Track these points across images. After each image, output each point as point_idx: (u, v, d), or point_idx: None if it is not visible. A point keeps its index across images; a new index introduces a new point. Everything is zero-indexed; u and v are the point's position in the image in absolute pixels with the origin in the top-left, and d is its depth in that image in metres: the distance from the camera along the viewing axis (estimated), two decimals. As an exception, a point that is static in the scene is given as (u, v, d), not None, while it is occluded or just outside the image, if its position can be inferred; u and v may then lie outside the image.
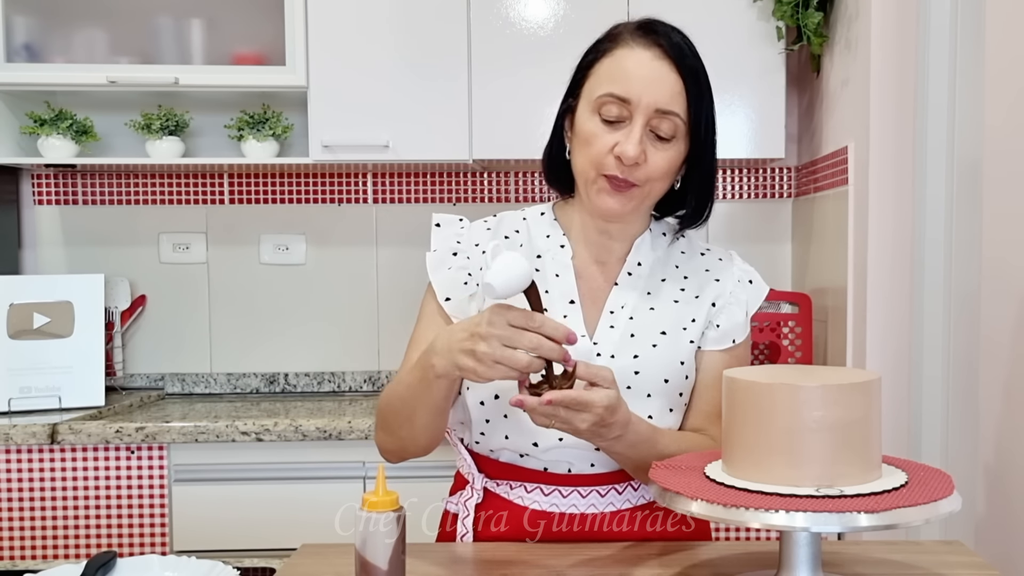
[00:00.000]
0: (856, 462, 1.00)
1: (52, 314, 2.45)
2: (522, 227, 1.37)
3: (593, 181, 1.25)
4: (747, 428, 1.02)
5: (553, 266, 1.33)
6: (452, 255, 1.34)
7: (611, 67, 1.24)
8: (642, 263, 1.35)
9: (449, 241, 1.35)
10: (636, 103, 1.21)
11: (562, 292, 1.31)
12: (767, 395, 1.00)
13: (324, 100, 2.43)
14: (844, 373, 1.06)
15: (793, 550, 1.02)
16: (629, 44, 1.25)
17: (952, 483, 1.02)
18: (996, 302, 1.58)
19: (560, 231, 1.36)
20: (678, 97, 1.23)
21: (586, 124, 1.25)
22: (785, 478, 0.98)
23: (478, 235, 1.36)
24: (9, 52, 2.44)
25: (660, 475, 1.06)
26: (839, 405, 0.98)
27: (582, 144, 1.25)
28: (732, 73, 2.43)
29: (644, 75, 1.22)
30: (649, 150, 1.22)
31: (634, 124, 1.22)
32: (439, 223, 1.36)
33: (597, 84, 1.25)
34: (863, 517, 0.92)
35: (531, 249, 1.35)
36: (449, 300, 1.31)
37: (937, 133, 1.89)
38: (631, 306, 1.31)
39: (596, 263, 1.34)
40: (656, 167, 1.24)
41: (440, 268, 1.33)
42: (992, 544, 1.60)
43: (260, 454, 2.26)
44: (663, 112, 1.22)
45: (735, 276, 1.38)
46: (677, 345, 1.30)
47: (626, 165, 1.22)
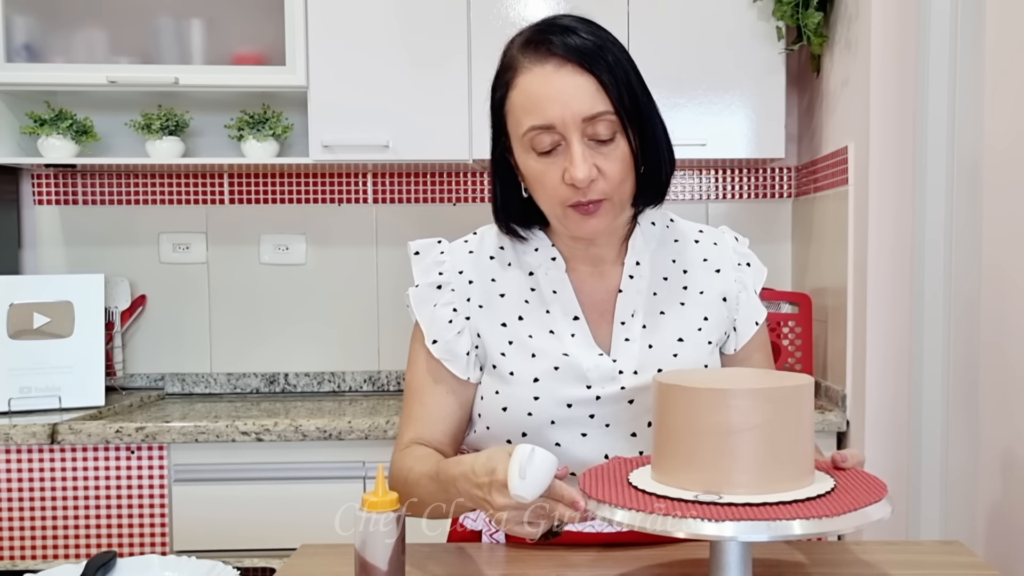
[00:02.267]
0: (785, 468, 0.97)
1: (52, 314, 2.45)
2: (506, 243, 1.31)
3: (562, 215, 1.19)
4: (675, 433, 1.00)
5: (548, 282, 1.27)
6: (436, 288, 1.28)
7: (520, 99, 1.16)
8: (640, 262, 1.29)
9: (431, 273, 1.29)
10: (562, 123, 1.14)
11: (564, 309, 1.26)
12: (694, 399, 0.98)
13: (324, 100, 2.43)
14: (775, 377, 1.04)
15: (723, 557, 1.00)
16: (526, 67, 1.16)
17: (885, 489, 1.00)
18: (996, 302, 1.58)
19: (548, 242, 1.29)
20: (598, 95, 1.14)
21: (528, 164, 1.18)
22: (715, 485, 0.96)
23: (460, 260, 1.30)
24: (9, 52, 2.44)
25: (587, 483, 1.03)
26: (767, 410, 0.96)
27: (534, 184, 1.19)
28: (732, 73, 2.43)
29: (554, 94, 1.14)
30: (598, 160, 1.15)
31: (571, 145, 1.14)
32: (418, 251, 1.30)
33: (516, 122, 1.18)
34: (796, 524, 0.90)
35: (520, 268, 1.29)
36: (437, 343, 1.26)
37: (937, 133, 1.89)
38: (641, 313, 1.26)
39: (592, 271, 1.29)
40: (613, 173, 1.16)
41: (424, 305, 1.28)
42: (992, 544, 1.60)
43: (260, 454, 2.26)
44: (591, 118, 1.14)
45: (734, 261, 1.33)
46: (697, 350, 1.26)
47: (581, 188, 1.15)
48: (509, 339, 1.25)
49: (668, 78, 2.43)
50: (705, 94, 2.45)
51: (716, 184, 2.79)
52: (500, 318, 1.27)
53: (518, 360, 1.24)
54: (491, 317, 1.27)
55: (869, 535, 1.91)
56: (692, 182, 2.79)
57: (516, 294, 1.28)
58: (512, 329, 1.26)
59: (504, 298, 1.28)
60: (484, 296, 1.28)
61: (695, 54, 2.44)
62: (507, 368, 1.24)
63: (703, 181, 2.79)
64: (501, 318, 1.26)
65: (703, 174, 2.79)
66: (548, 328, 1.25)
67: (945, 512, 1.90)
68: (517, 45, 1.19)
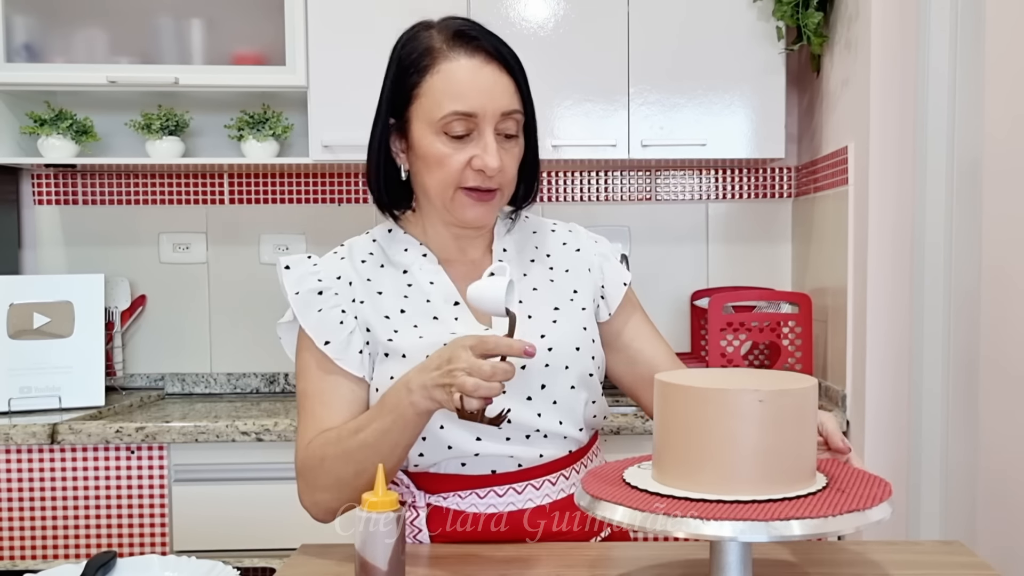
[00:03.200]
0: (787, 470, 0.97)
1: (52, 314, 2.45)
2: (375, 248, 1.36)
3: (451, 198, 1.26)
4: (676, 433, 1.00)
5: (423, 275, 1.32)
6: (317, 295, 1.29)
7: (443, 84, 1.23)
8: (507, 248, 1.37)
9: (308, 281, 1.30)
10: (483, 114, 1.23)
11: (444, 296, 1.31)
12: (696, 399, 0.98)
13: (324, 100, 2.43)
14: (778, 378, 1.03)
15: (723, 557, 1.00)
16: (451, 57, 1.24)
17: (889, 491, 1.00)
18: (996, 302, 1.58)
19: (416, 241, 1.35)
20: (515, 95, 1.26)
21: (432, 147, 1.24)
22: (717, 485, 0.96)
23: (334, 267, 1.33)
24: (9, 52, 2.44)
25: (588, 483, 1.03)
26: (770, 410, 0.96)
27: (432, 166, 1.25)
28: (732, 73, 2.43)
29: (481, 85, 1.23)
30: (501, 154, 1.24)
31: (484, 135, 1.23)
32: (288, 265, 1.32)
33: (434, 105, 1.23)
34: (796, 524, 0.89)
35: (394, 267, 1.33)
36: (329, 343, 1.27)
37: (937, 133, 1.89)
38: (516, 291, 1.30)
39: (463, 263, 1.34)
40: (510, 167, 1.27)
41: (309, 311, 1.29)
42: (992, 544, 1.60)
43: (260, 454, 2.26)
44: (507, 114, 1.24)
45: (588, 239, 1.43)
46: (573, 317, 1.33)
47: (489, 176, 1.23)
48: (395, 328, 1.28)
49: (668, 78, 2.43)
50: (705, 94, 2.45)
51: (716, 184, 2.79)
52: (383, 311, 1.30)
53: (408, 342, 1.26)
54: (375, 311, 1.30)
55: (869, 535, 1.91)
56: (692, 182, 2.79)
57: (394, 290, 1.32)
58: (396, 320, 1.29)
59: (382, 295, 1.31)
60: (365, 294, 1.31)
61: (695, 54, 2.44)
62: (399, 351, 1.26)
63: (703, 181, 2.79)
64: (384, 311, 1.30)
65: (703, 174, 2.79)
66: (431, 315, 1.29)
67: (945, 512, 1.90)
68: (440, 38, 1.26)
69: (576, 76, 2.42)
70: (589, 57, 2.42)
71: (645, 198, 2.80)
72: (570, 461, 1.32)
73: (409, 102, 1.26)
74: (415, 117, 1.26)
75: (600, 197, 2.80)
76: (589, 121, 2.44)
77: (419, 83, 1.25)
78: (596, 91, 2.43)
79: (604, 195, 2.80)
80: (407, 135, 1.28)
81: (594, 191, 2.79)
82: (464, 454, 1.27)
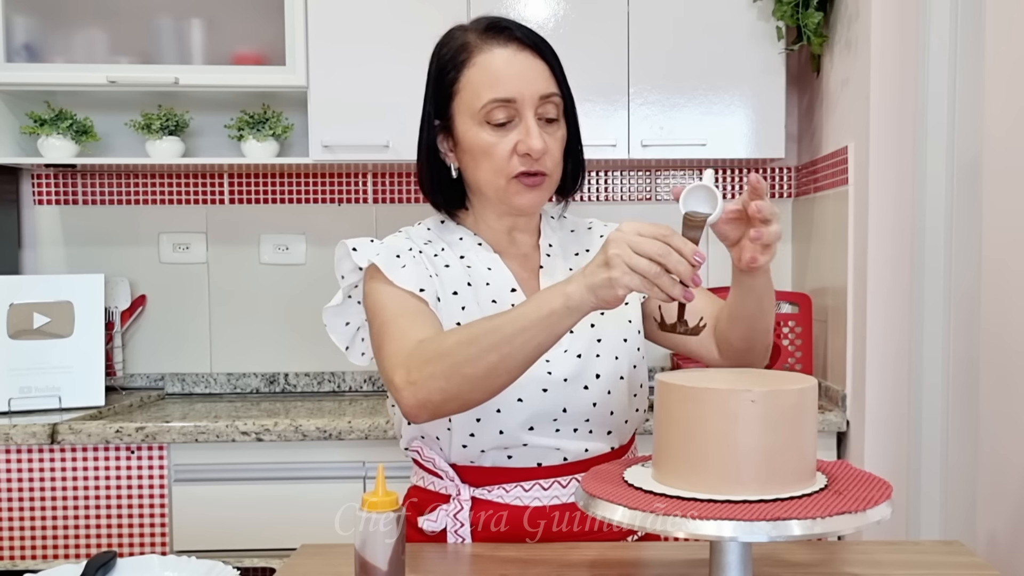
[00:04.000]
0: (788, 470, 0.97)
1: (52, 314, 2.45)
2: (431, 236, 1.38)
3: (505, 186, 1.27)
4: (676, 433, 0.99)
5: (480, 261, 1.34)
6: (396, 257, 1.28)
7: (481, 75, 1.26)
8: (552, 243, 1.39)
9: (383, 251, 1.29)
10: (521, 99, 1.25)
11: (502, 281, 1.32)
12: (697, 399, 0.98)
13: (324, 100, 2.43)
14: (779, 378, 1.04)
15: (723, 557, 1.00)
16: (485, 49, 1.27)
17: (889, 491, 1.00)
18: (996, 302, 1.58)
19: (471, 232, 1.37)
20: (551, 79, 1.28)
21: (478, 138, 1.26)
22: (716, 486, 0.96)
23: (402, 242, 1.33)
24: (9, 52, 2.44)
25: (587, 482, 1.03)
26: (770, 411, 0.96)
27: (480, 157, 1.27)
28: (732, 73, 2.44)
29: (517, 71, 1.25)
30: (545, 138, 1.26)
31: (526, 119, 1.25)
32: (355, 247, 1.31)
33: (473, 96, 1.26)
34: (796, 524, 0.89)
35: (452, 251, 1.34)
36: (424, 291, 1.26)
37: (937, 133, 1.89)
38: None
39: (515, 255, 1.36)
40: (555, 150, 1.29)
41: (394, 268, 1.26)
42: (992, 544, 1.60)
43: (260, 454, 2.26)
44: (545, 97, 1.26)
45: (609, 230, 1.43)
46: (618, 309, 1.34)
47: (535, 159, 1.25)
48: (462, 305, 1.29)
49: (668, 78, 2.43)
50: (705, 94, 2.45)
51: (716, 184, 2.78)
52: (451, 287, 1.30)
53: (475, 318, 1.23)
54: (443, 286, 1.30)
55: (869, 535, 1.91)
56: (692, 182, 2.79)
57: (457, 269, 1.33)
58: (463, 296, 1.30)
59: (449, 269, 1.32)
60: (433, 269, 1.32)
61: (695, 54, 2.44)
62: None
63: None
64: (452, 287, 1.30)
65: (703, 174, 2.79)
66: (491, 299, 1.30)
67: (945, 512, 1.90)
68: (474, 34, 1.29)
69: (576, 76, 2.38)
70: (589, 57, 2.42)
71: (645, 198, 2.80)
72: (612, 458, 1.32)
73: (450, 99, 1.29)
74: (458, 112, 1.28)
75: (600, 197, 2.80)
76: (589, 121, 2.41)
77: (457, 79, 1.28)
78: (596, 91, 2.43)
79: (604, 195, 2.80)
80: (453, 133, 1.30)
81: (594, 191, 2.80)
82: (514, 442, 1.26)
